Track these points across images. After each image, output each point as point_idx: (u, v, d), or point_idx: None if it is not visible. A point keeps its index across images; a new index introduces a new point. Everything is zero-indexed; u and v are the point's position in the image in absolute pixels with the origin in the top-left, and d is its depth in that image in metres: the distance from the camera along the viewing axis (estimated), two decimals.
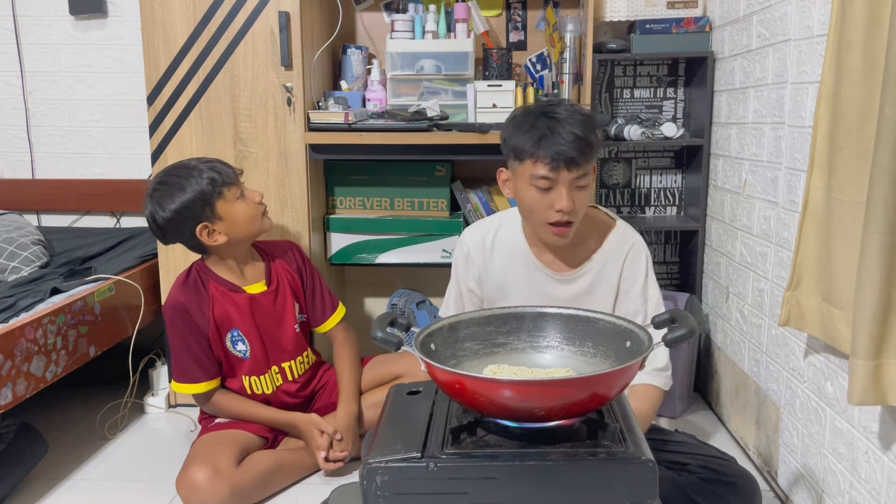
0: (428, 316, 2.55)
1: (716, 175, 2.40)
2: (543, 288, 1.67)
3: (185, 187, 1.89)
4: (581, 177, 1.51)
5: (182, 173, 1.91)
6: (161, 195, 1.90)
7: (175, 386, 2.03)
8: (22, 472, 1.97)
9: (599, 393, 1.06)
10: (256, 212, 1.97)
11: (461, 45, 2.42)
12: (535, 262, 1.67)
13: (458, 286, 1.78)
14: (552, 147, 1.48)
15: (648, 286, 1.68)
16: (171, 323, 2.00)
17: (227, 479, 1.82)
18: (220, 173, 1.91)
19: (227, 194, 1.92)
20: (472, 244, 1.73)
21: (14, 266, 2.31)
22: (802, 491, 1.75)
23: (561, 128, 1.48)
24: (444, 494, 1.05)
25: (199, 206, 1.89)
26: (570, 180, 1.50)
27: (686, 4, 2.49)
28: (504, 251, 1.70)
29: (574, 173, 1.50)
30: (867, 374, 1.27)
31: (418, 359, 1.10)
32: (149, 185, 1.95)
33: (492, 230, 1.72)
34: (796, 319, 1.63)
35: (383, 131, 2.27)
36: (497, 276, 1.71)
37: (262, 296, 2.06)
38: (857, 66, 1.36)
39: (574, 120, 1.50)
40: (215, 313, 2.00)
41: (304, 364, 2.13)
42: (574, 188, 1.51)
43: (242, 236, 1.98)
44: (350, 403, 2.07)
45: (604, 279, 1.67)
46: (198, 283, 2.02)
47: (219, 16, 2.26)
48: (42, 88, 2.88)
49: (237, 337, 2.03)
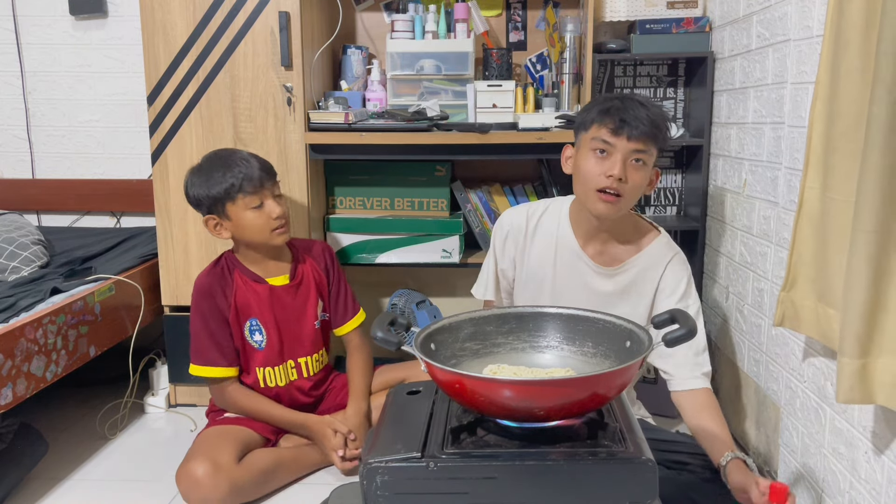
0: (428, 316, 2.55)
1: (716, 175, 2.40)
2: (584, 278, 1.67)
3: (208, 180, 1.96)
4: (639, 152, 1.54)
5: (216, 165, 1.97)
6: (192, 175, 2.00)
7: (193, 369, 2.04)
8: (22, 472, 1.97)
9: (599, 393, 1.07)
10: (266, 225, 1.98)
11: (461, 45, 2.42)
12: (578, 251, 1.67)
13: (495, 265, 1.79)
14: (619, 114, 1.54)
15: (689, 296, 1.68)
16: (195, 305, 2.04)
17: (227, 476, 1.83)
18: (243, 180, 1.94)
19: (240, 201, 1.95)
20: (514, 225, 1.73)
21: (14, 266, 2.31)
22: (802, 491, 1.75)
23: (633, 105, 1.55)
24: (444, 494, 1.05)
25: (210, 201, 1.97)
26: (628, 151, 1.54)
27: (686, 4, 2.49)
28: (546, 237, 1.70)
29: (633, 144, 1.53)
30: (853, 373, 1.27)
31: (418, 359, 1.10)
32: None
33: (536, 213, 1.73)
34: (791, 320, 1.63)
35: (383, 131, 2.27)
36: (533, 261, 1.71)
37: (282, 289, 2.09)
38: (855, 66, 1.36)
39: (648, 104, 1.57)
40: (237, 300, 2.05)
41: (319, 362, 2.16)
42: (630, 162, 1.54)
43: (247, 240, 2.02)
44: (361, 402, 2.10)
45: (641, 284, 1.67)
46: (224, 270, 2.07)
47: (219, 16, 2.26)
48: (42, 88, 2.88)
49: (255, 326, 2.06)
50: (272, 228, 1.99)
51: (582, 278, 1.67)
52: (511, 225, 1.73)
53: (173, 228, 2.38)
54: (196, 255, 2.39)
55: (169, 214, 2.37)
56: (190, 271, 2.39)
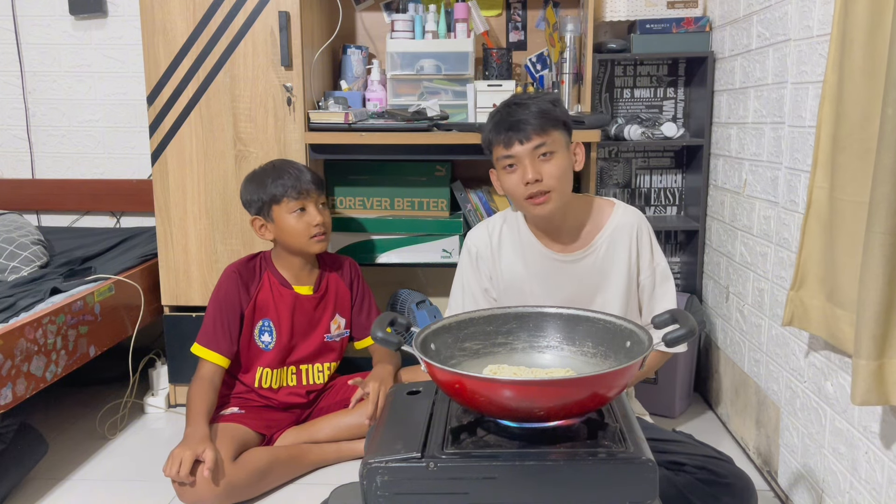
0: (428, 316, 2.55)
1: (716, 175, 2.40)
2: (559, 273, 1.68)
3: (261, 184, 2.07)
4: (539, 146, 1.56)
5: (270, 171, 2.09)
6: (248, 178, 2.13)
7: (195, 348, 2.08)
8: (22, 472, 1.97)
9: (599, 393, 1.06)
10: (306, 231, 2.07)
11: (461, 45, 2.42)
12: (542, 250, 1.69)
13: (464, 291, 1.78)
14: (505, 126, 1.56)
15: (656, 252, 1.71)
16: (218, 290, 2.11)
17: (221, 474, 1.83)
18: (290, 186, 2.05)
19: (285, 205, 2.06)
20: (481, 243, 1.75)
21: (14, 266, 2.31)
22: (802, 491, 1.75)
23: (514, 110, 1.57)
24: (444, 494, 1.05)
25: (259, 203, 2.08)
26: (529, 151, 1.56)
27: (686, 4, 2.49)
28: (511, 246, 1.73)
29: (530, 144, 1.56)
30: (870, 374, 1.27)
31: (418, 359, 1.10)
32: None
33: (496, 227, 1.75)
34: (800, 319, 1.62)
35: (383, 131, 2.27)
36: (507, 272, 1.72)
37: (306, 298, 2.16)
38: (860, 66, 1.36)
39: (530, 101, 1.58)
40: (258, 298, 2.11)
41: (322, 374, 2.20)
42: (538, 159, 1.57)
43: (286, 244, 2.10)
44: (386, 365, 2.16)
45: (615, 259, 1.68)
46: (257, 267, 2.16)
47: (219, 16, 2.26)
48: (42, 88, 2.88)
49: (266, 327, 2.12)
50: (311, 235, 2.07)
51: (558, 274, 1.69)
52: (477, 246, 1.75)
53: (173, 228, 2.38)
54: (196, 255, 2.39)
55: (169, 214, 2.37)
56: (190, 271, 2.39)
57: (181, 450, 1.82)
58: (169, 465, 1.80)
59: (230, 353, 2.09)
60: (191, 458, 1.80)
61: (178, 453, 1.81)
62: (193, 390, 2.03)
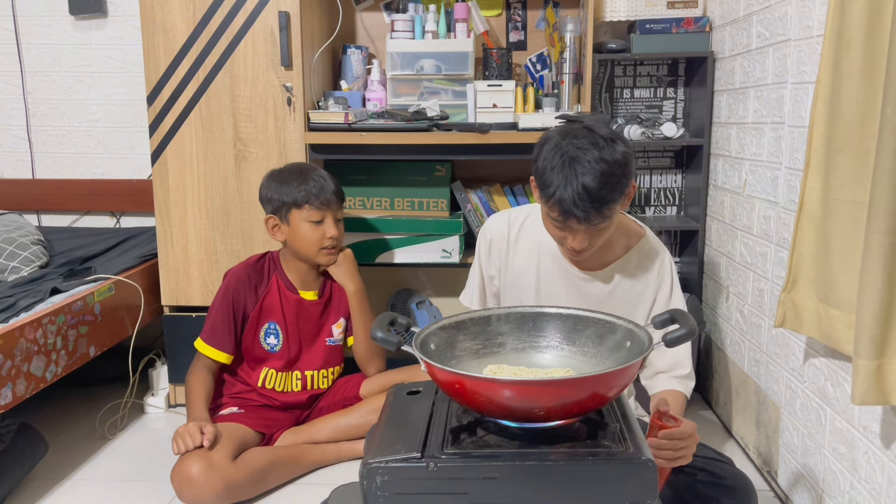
0: (428, 316, 2.55)
1: (716, 175, 2.40)
2: (568, 283, 1.63)
3: (284, 184, 2.07)
4: (596, 226, 1.42)
5: (296, 173, 2.09)
6: (271, 176, 2.12)
7: (199, 344, 2.08)
8: (22, 472, 1.97)
9: (599, 393, 1.06)
10: (318, 242, 2.08)
11: (461, 45, 2.42)
12: (559, 258, 1.63)
13: (472, 273, 1.77)
14: (562, 203, 1.37)
15: (675, 295, 1.64)
16: (224, 288, 2.10)
17: (221, 474, 1.83)
18: (314, 194, 2.05)
19: (305, 212, 2.06)
20: (497, 232, 1.69)
21: (14, 266, 2.31)
22: (802, 491, 1.75)
23: (576, 178, 1.36)
24: (444, 494, 1.05)
25: (278, 203, 2.08)
26: (584, 229, 1.43)
27: (686, 4, 2.49)
28: (529, 242, 1.66)
29: (586, 225, 1.41)
30: (870, 374, 1.27)
31: (418, 359, 1.10)
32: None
33: (518, 219, 1.68)
34: (792, 321, 1.62)
35: (383, 131, 2.27)
36: (518, 268, 1.67)
37: (310, 303, 2.17)
38: (858, 66, 1.36)
39: (594, 171, 1.36)
40: (265, 300, 2.12)
41: (327, 378, 2.21)
42: (592, 232, 1.44)
43: (295, 250, 2.11)
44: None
45: (631, 290, 1.62)
46: (265, 269, 2.17)
47: (219, 16, 2.26)
48: (42, 88, 2.88)
49: (272, 330, 2.13)
50: (322, 247, 2.09)
51: (566, 283, 1.63)
52: (493, 233, 1.69)
53: (173, 228, 2.38)
54: (196, 255, 2.39)
55: (169, 214, 2.37)
56: (190, 271, 2.40)
57: (184, 427, 1.88)
58: (176, 443, 1.86)
59: (233, 352, 2.10)
60: (196, 428, 1.86)
61: (183, 430, 1.87)
62: (192, 379, 2.05)
